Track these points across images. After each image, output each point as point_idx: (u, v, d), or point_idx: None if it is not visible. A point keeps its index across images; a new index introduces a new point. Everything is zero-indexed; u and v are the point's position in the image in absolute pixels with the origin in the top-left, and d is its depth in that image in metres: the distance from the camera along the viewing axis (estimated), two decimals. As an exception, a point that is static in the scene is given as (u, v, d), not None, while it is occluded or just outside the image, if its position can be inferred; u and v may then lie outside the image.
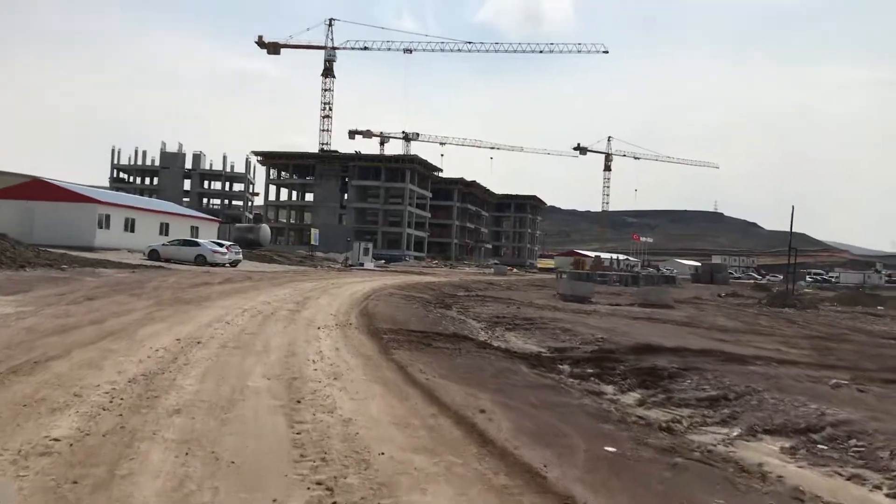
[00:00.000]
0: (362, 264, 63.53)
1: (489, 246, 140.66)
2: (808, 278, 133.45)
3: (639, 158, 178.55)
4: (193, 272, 32.82)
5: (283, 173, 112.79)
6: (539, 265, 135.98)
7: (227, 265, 43.72)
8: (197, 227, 55.57)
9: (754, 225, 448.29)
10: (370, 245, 69.78)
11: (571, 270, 65.89)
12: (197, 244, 43.08)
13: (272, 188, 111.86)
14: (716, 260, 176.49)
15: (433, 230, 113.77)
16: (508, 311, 23.39)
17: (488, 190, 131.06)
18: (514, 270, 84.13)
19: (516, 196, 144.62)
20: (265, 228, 73.97)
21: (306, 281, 32.60)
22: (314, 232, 71.62)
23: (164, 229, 51.20)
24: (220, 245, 44.33)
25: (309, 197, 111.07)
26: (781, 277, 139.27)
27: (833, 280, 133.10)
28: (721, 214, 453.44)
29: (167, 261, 40.76)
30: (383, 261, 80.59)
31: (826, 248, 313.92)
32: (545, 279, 62.97)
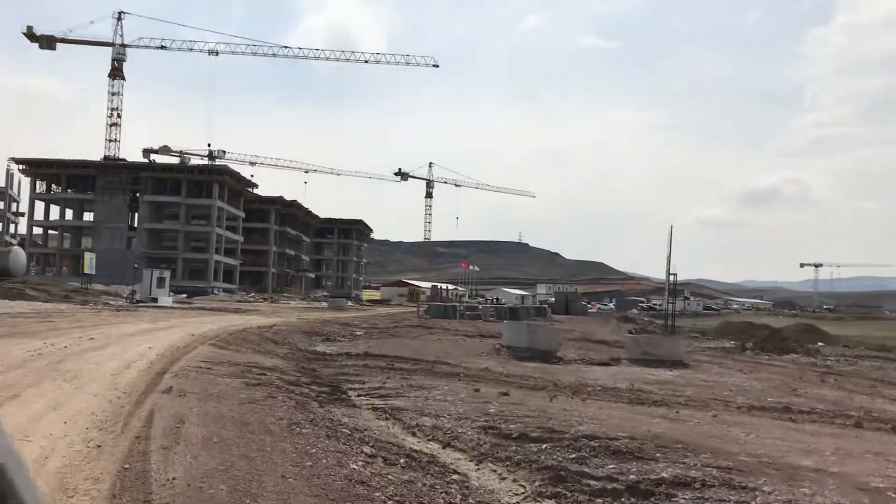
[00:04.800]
0: (156, 299, 47.00)
1: (311, 276, 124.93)
2: (639, 306, 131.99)
3: (459, 186, 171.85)
4: None
5: (55, 187, 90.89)
6: (364, 297, 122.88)
7: (-81, 305, 26.83)
8: None
9: (557, 255, 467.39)
10: (167, 274, 53.14)
11: (435, 304, 53.61)
12: None
13: (39, 205, 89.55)
14: (540, 290, 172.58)
15: (246, 257, 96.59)
16: (495, 407, 10.29)
17: (311, 212, 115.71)
18: (350, 304, 70.44)
19: (341, 220, 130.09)
20: (17, 253, 54.58)
21: (38, 335, 17.35)
22: (88, 257, 53.67)
23: None
24: None
25: (89, 216, 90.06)
26: (612, 306, 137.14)
27: (658, 308, 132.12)
28: (526, 245, 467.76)
29: None
30: (185, 294, 63.63)
31: (628, 276, 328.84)
32: (399, 314, 50.06)
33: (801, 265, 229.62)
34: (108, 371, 11.47)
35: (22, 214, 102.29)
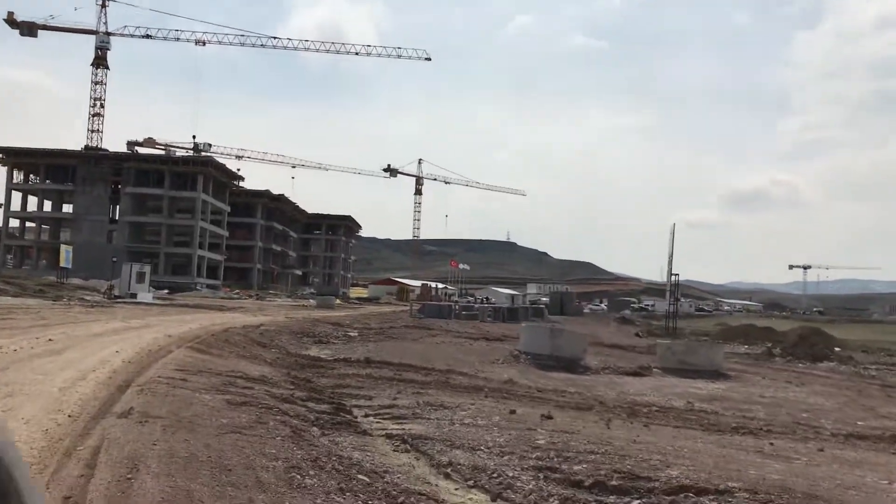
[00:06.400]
0: (135, 295, 44.68)
1: (298, 272, 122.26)
2: (631, 307, 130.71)
3: (449, 183, 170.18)
4: None
5: (33, 177, 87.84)
6: (352, 295, 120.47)
7: None
8: None
9: (545, 254, 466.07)
10: (147, 269, 50.64)
11: (430, 303, 51.51)
12: None
13: (17, 195, 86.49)
14: (531, 289, 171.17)
15: (232, 253, 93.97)
16: (544, 436, 8.17)
17: (298, 207, 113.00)
18: (339, 302, 68.15)
19: (329, 216, 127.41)
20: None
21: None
22: (64, 250, 51.13)
23: None
24: None
25: (68, 208, 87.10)
26: (604, 306, 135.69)
27: (650, 309, 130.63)
28: (514, 244, 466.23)
29: None
30: (166, 290, 61.22)
31: (616, 277, 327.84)
32: (391, 313, 47.95)
33: (790, 267, 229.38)
34: (56, 384, 9.26)
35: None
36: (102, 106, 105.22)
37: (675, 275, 58.72)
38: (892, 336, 59.81)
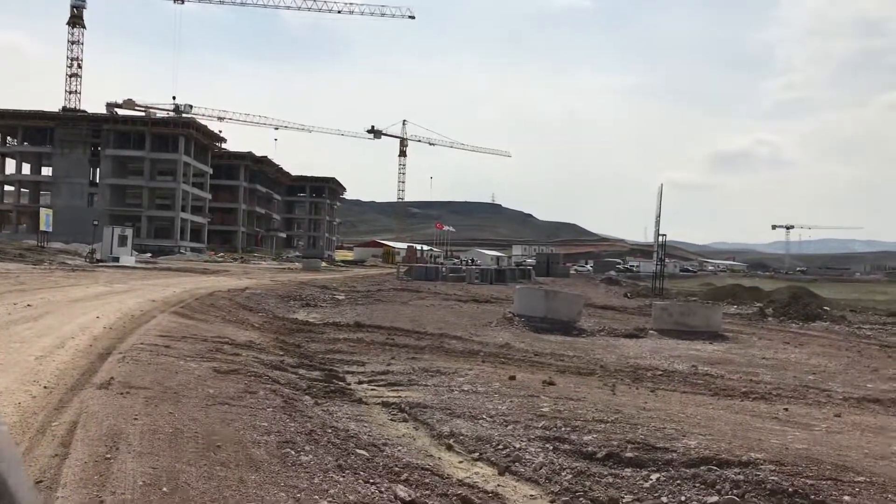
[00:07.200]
0: (117, 259, 43.97)
1: (283, 235, 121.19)
2: (616, 268, 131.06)
3: (434, 144, 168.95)
4: None
5: (10, 140, 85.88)
6: (337, 257, 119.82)
7: None
8: None
9: (530, 216, 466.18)
10: (129, 232, 49.79)
11: (417, 265, 51.07)
12: None
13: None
14: (516, 251, 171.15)
15: (215, 215, 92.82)
16: (548, 404, 7.81)
17: (282, 169, 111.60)
18: (324, 264, 67.63)
19: (313, 178, 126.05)
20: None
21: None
22: (44, 214, 50.12)
23: None
24: None
25: (48, 171, 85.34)
26: (589, 267, 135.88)
27: (635, 269, 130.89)
28: (499, 206, 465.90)
29: None
30: (149, 254, 60.49)
31: (601, 238, 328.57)
32: (377, 275, 47.55)
33: (773, 227, 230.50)
34: (33, 352, 8.78)
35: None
36: (80, 66, 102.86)
37: (663, 235, 58.47)
38: (875, 295, 60.39)
